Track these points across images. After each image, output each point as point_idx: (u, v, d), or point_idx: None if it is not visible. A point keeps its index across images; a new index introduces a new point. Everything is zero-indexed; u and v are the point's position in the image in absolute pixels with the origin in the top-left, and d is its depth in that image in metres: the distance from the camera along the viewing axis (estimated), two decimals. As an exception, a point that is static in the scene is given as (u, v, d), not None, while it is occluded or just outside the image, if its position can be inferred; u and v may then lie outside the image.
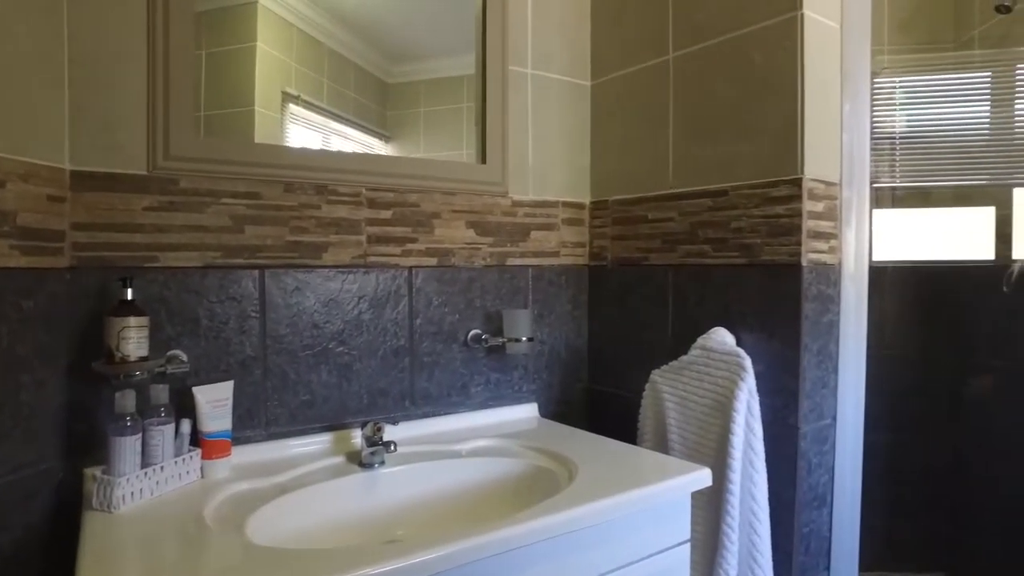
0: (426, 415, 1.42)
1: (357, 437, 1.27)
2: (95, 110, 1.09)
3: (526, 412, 1.55)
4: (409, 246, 1.39)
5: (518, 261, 1.54)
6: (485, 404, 1.50)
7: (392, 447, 1.20)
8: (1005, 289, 1.94)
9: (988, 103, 2.23)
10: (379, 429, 1.20)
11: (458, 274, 1.45)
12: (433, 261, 1.42)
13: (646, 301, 1.51)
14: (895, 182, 2.33)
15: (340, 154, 1.32)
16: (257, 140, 1.23)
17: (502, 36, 1.49)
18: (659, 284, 1.47)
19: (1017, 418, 2.04)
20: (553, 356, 1.61)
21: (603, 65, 1.64)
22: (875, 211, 2.30)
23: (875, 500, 2.23)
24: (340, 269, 1.31)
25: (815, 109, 1.24)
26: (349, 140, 1.35)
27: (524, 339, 1.43)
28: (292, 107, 1.29)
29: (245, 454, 1.19)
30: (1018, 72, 2.17)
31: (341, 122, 1.35)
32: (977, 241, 2.25)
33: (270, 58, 1.26)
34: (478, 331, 1.47)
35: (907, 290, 2.32)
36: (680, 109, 1.45)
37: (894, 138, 2.31)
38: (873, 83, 2.23)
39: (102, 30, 1.09)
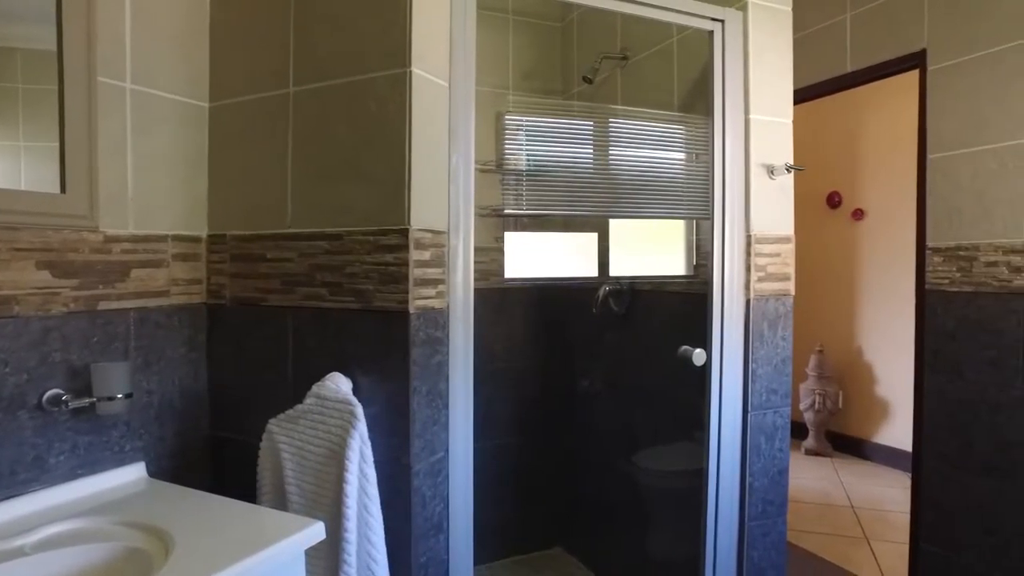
0: (-21, 503, 1.15)
1: None
2: None
3: (131, 475, 1.36)
4: (-53, 295, 1.11)
5: (115, 304, 1.34)
6: (73, 475, 1.27)
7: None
8: (594, 311, 2.33)
9: (591, 147, 2.65)
10: None
11: (25, 326, 1.20)
12: (-14, 312, 1.15)
13: (267, 343, 1.44)
14: (521, 210, 2.63)
15: None
16: None
17: (87, 43, 1.27)
18: (279, 326, 1.42)
19: (607, 411, 2.47)
20: (165, 405, 1.44)
21: (223, 87, 1.52)
22: (507, 233, 2.57)
23: (503, 498, 2.51)
24: None
25: (423, 162, 1.31)
26: None
27: (120, 396, 1.25)
28: None
29: None
30: (610, 126, 2.61)
31: None
32: (584, 262, 2.66)
33: None
34: (58, 391, 1.23)
35: (532, 305, 2.65)
36: (300, 146, 1.41)
37: (521, 171, 2.60)
38: (504, 121, 2.47)
39: None
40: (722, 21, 1.75)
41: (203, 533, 1.09)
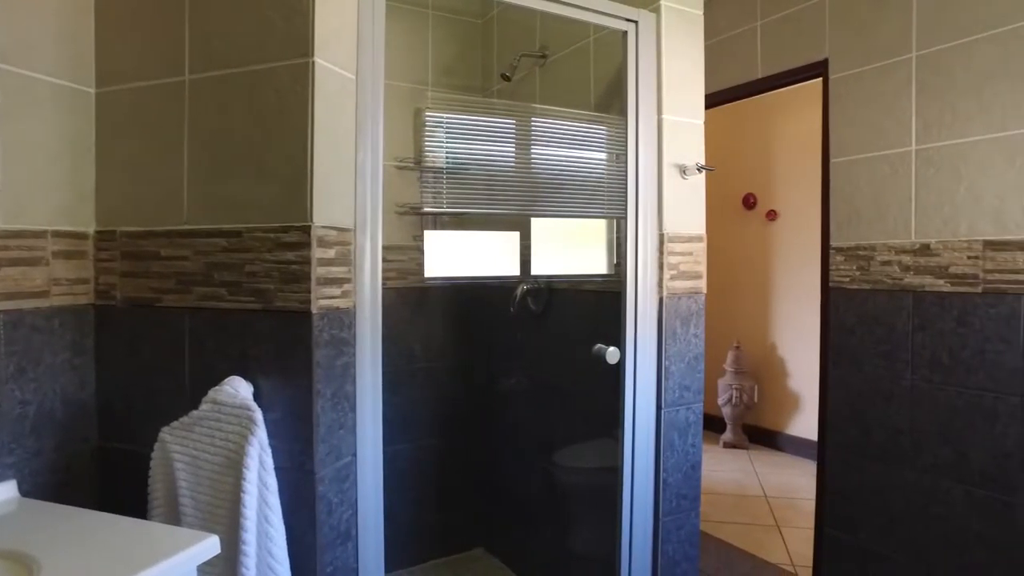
0: None
1: None
2: None
3: None
4: None
5: (-20, 307, 1.22)
6: (-71, 495, 1.15)
7: None
8: (511, 310, 2.32)
9: (511, 146, 2.64)
10: None
11: None
12: None
13: (161, 346, 1.35)
14: (441, 208, 2.59)
15: None
16: None
17: (-53, 18, 1.16)
18: (175, 328, 1.34)
19: (526, 410, 2.46)
20: (43, 416, 1.33)
21: (112, 72, 1.42)
22: (426, 232, 2.53)
23: (422, 500, 2.47)
24: None
25: (327, 156, 1.26)
26: None
27: (-14, 408, 1.14)
28: None
29: None
30: (530, 124, 2.61)
31: None
32: (506, 261, 2.64)
33: None
34: (-88, 403, 1.12)
35: (451, 304, 2.62)
36: (196, 138, 1.33)
37: (440, 169, 2.56)
38: (425, 118, 2.43)
39: None
40: (636, 22, 1.77)
41: (78, 555, 1.01)
